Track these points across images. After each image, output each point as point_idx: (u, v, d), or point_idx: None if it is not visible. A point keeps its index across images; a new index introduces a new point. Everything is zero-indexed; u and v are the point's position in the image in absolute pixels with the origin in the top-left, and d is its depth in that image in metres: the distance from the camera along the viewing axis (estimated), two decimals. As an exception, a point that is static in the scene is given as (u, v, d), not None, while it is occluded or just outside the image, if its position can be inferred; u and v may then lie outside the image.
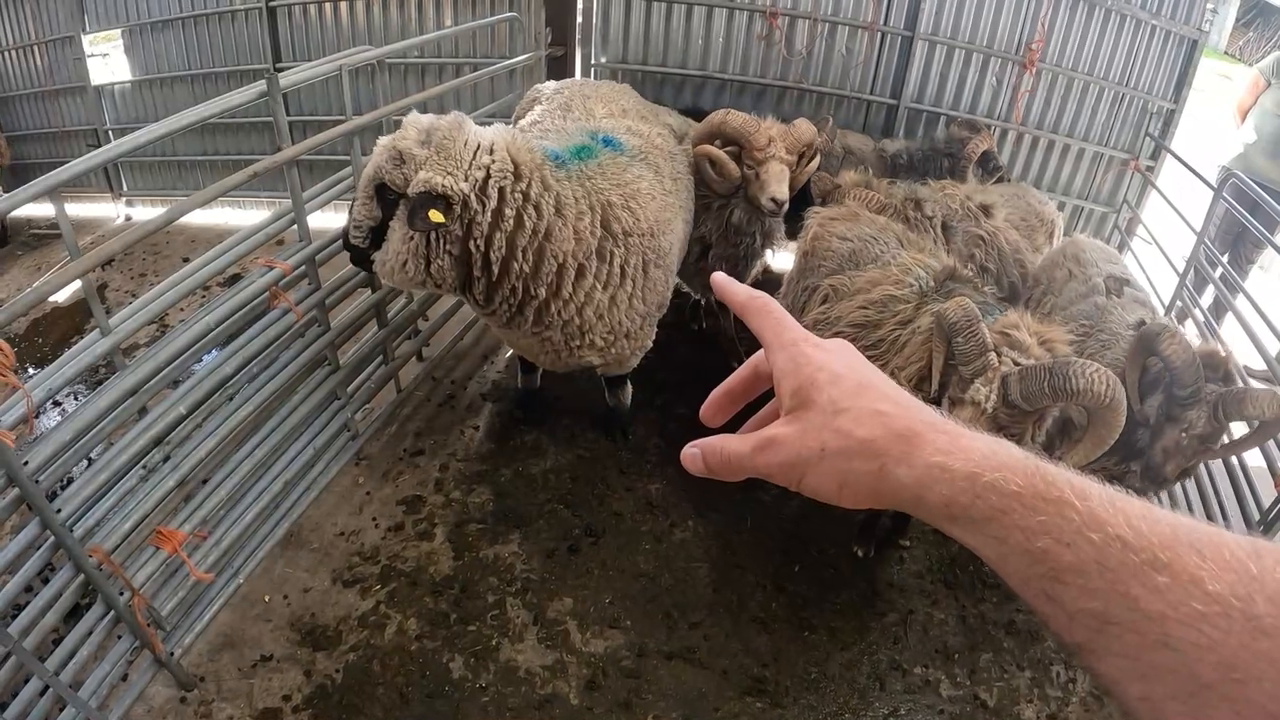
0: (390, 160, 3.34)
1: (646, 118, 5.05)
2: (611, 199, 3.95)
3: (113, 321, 3.31)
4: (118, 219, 9.98)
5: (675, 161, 4.74)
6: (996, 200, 5.27)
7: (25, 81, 10.29)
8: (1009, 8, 7.02)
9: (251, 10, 8.36)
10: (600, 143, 4.22)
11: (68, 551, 3.04)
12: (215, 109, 3.87)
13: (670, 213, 4.36)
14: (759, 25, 7.23)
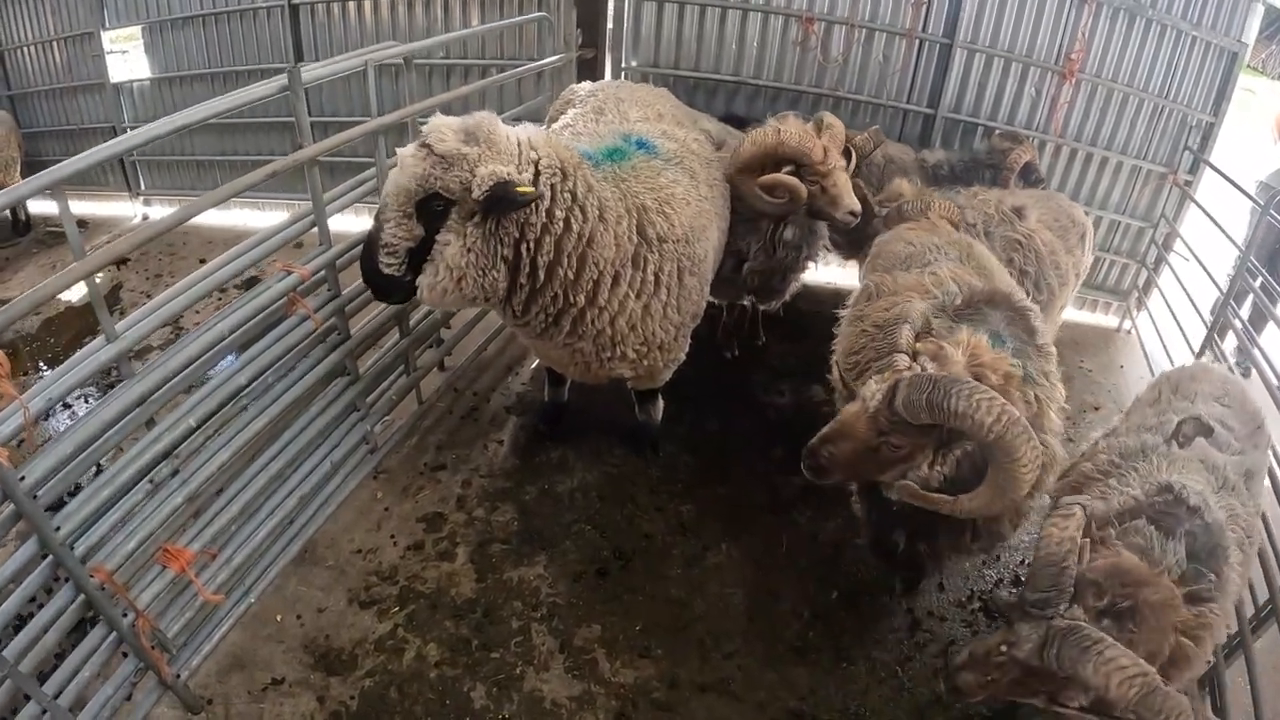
0: (438, 166, 3.14)
1: (683, 123, 4.87)
2: (646, 203, 3.79)
3: (120, 327, 3.15)
4: (135, 218, 9.91)
5: (711, 168, 4.58)
6: (1028, 202, 5.15)
7: (44, 78, 10.24)
8: (1049, 17, 6.85)
9: (274, 8, 8.26)
10: (633, 145, 4.08)
11: (67, 571, 2.90)
12: (234, 102, 3.77)
13: (705, 219, 4.20)
14: (794, 30, 7.10)
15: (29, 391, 2.82)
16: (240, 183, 3.55)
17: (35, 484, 2.74)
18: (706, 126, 5.23)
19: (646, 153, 4.07)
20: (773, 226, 4.99)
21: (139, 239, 3.21)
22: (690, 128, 4.85)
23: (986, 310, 3.42)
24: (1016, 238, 4.88)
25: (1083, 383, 6.69)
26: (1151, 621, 2.37)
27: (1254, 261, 5.59)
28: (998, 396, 2.70)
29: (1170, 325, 6.50)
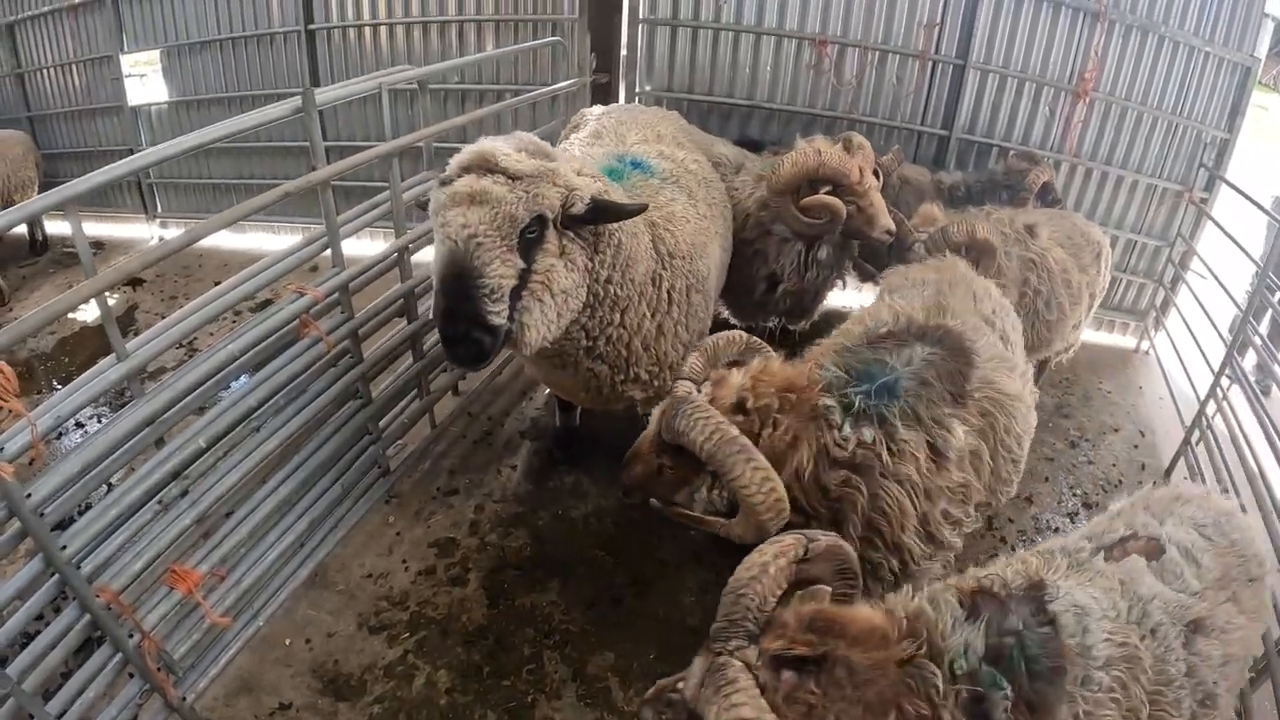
0: (533, 185, 2.95)
1: (683, 144, 4.87)
2: (654, 218, 3.75)
3: (130, 346, 3.16)
4: (151, 240, 9.97)
5: (710, 188, 4.58)
6: (1039, 219, 5.14)
7: (63, 100, 10.35)
8: (1061, 36, 6.83)
9: (290, 33, 8.34)
10: (628, 165, 4.07)
11: (73, 590, 2.87)
12: (249, 123, 3.79)
13: (706, 237, 4.17)
14: (808, 54, 7.10)
15: (38, 409, 2.83)
16: (253, 203, 3.56)
17: (42, 501, 2.72)
18: (723, 150, 5.26)
19: (642, 172, 4.06)
20: (806, 247, 4.99)
21: (150, 258, 3.20)
22: (690, 149, 4.85)
23: (912, 342, 3.13)
24: (1031, 256, 4.87)
25: (1101, 404, 6.63)
26: (848, 688, 1.90)
27: (1273, 277, 5.51)
28: (715, 416, 2.60)
29: (1189, 345, 6.43)
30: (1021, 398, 3.24)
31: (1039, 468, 5.66)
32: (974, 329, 3.32)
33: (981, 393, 3.05)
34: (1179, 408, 6.32)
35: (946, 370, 3.02)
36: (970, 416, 3.01)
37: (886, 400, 2.86)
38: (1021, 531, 5.06)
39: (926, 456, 2.87)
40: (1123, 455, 5.99)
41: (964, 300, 3.59)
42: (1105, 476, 5.69)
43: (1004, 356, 3.35)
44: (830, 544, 2.26)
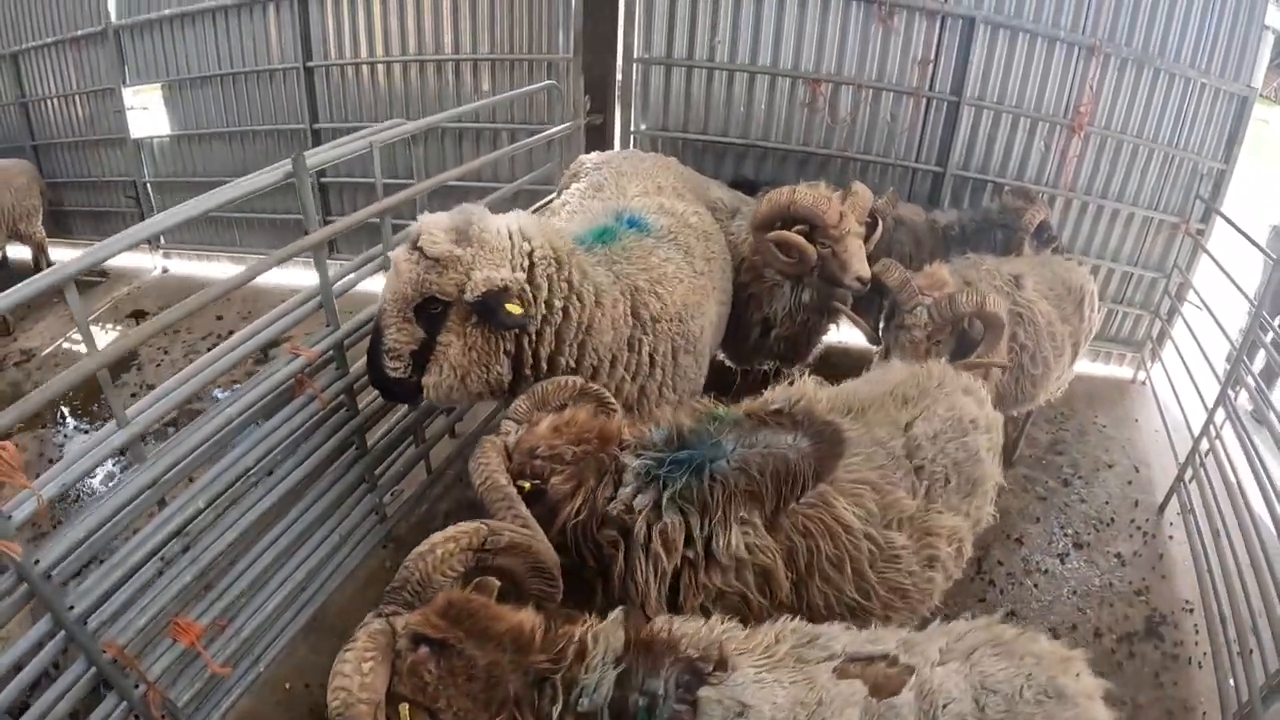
0: (432, 270, 3.18)
1: (684, 195, 4.89)
2: (639, 284, 3.78)
3: (130, 412, 3.21)
4: (155, 270, 10.06)
5: (710, 241, 4.56)
6: (1024, 268, 5.09)
7: (67, 130, 10.45)
8: (1056, 70, 6.87)
9: (290, 70, 8.43)
10: (624, 224, 4.08)
11: (81, 646, 2.96)
12: (240, 192, 3.84)
13: (700, 295, 4.17)
14: (802, 92, 7.14)
15: (41, 478, 2.88)
16: (247, 273, 3.61)
17: (49, 567, 2.80)
18: (718, 195, 5.30)
19: (638, 231, 4.08)
20: (791, 289, 5.03)
21: (146, 333, 3.33)
22: (691, 200, 4.86)
23: (788, 431, 3.02)
24: (1018, 310, 4.81)
25: (1096, 439, 6.65)
26: (460, 678, 2.02)
27: (1265, 317, 5.53)
28: (491, 464, 2.70)
29: (1185, 377, 6.47)
30: (884, 542, 2.93)
31: (1030, 507, 5.70)
32: (875, 451, 3.07)
33: (807, 511, 2.84)
34: (1174, 442, 6.35)
35: (785, 472, 2.84)
36: (779, 534, 2.81)
37: (686, 477, 2.77)
38: (1010, 574, 5.10)
39: (694, 550, 2.76)
40: (1116, 492, 6.01)
41: (877, 402, 3.31)
42: (1098, 515, 5.72)
43: (886, 494, 2.98)
44: (517, 541, 2.38)
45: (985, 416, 3.40)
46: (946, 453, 3.15)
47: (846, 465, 2.94)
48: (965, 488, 3.18)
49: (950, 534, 3.09)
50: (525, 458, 2.82)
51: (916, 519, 3.02)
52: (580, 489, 2.78)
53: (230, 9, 8.49)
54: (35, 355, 8.30)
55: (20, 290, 2.98)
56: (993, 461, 3.36)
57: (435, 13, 7.70)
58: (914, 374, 3.48)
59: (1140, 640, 4.76)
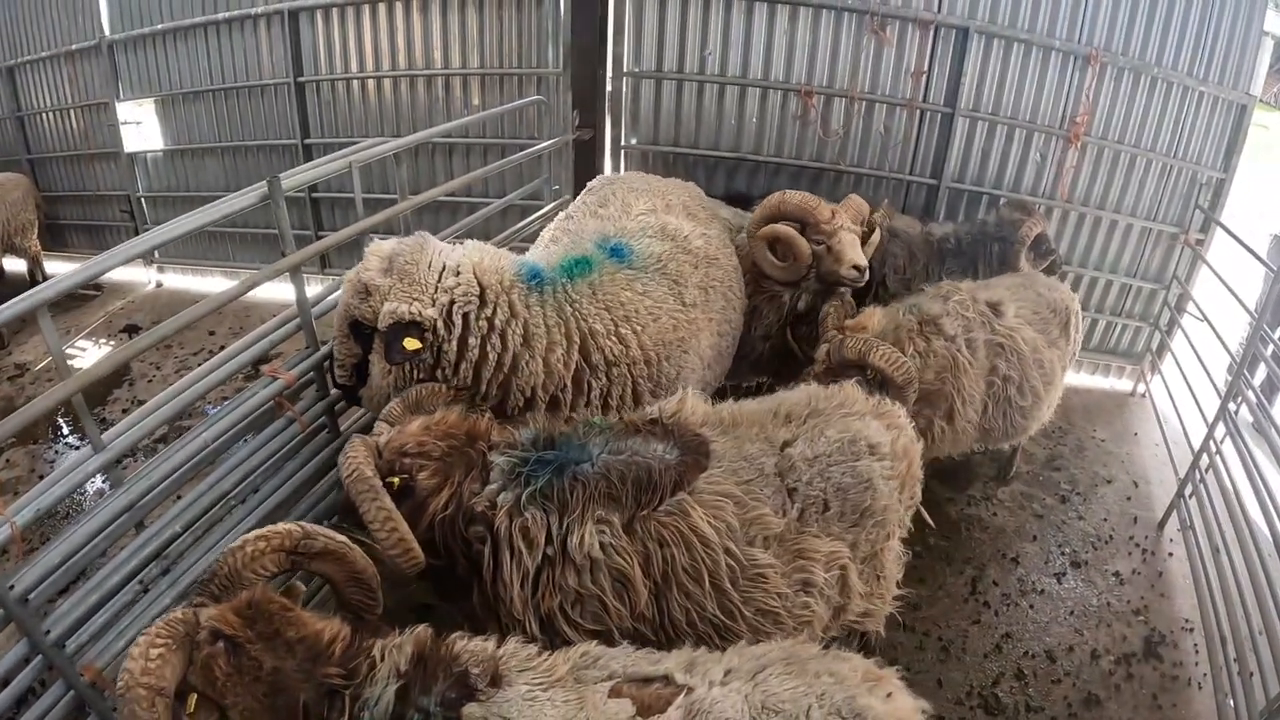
0: (356, 295, 3.29)
1: (696, 214, 4.75)
2: (595, 326, 3.65)
3: (106, 437, 3.19)
4: (149, 284, 10.05)
5: (712, 267, 4.40)
6: (1003, 295, 4.91)
7: (62, 144, 10.47)
8: (1052, 80, 6.79)
9: (281, 85, 8.42)
10: (606, 252, 3.96)
11: (59, 670, 2.91)
12: (217, 214, 3.82)
13: (686, 331, 4.02)
14: (794, 104, 7.08)
15: (15, 505, 2.85)
16: (222, 295, 3.60)
17: (25, 591, 2.78)
18: (725, 214, 5.24)
19: (618, 261, 3.94)
20: (791, 298, 5.04)
21: (120, 357, 3.26)
22: (704, 221, 4.71)
23: (660, 440, 3.06)
24: (999, 341, 4.69)
25: (1095, 454, 6.56)
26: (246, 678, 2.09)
27: (1266, 329, 5.45)
28: (358, 458, 2.75)
29: (1185, 389, 6.39)
30: (745, 559, 2.89)
31: (1026, 525, 5.62)
32: (742, 466, 3.05)
33: (664, 520, 2.83)
34: (1173, 456, 6.27)
35: (645, 480, 2.87)
36: (635, 539, 2.82)
37: (548, 476, 2.84)
38: (1006, 595, 5.01)
39: (553, 547, 2.80)
40: (1115, 508, 5.93)
41: (773, 432, 3.22)
42: (1096, 533, 5.63)
43: (748, 509, 2.94)
44: (331, 548, 2.42)
45: (892, 444, 3.26)
46: (827, 476, 3.07)
47: (708, 477, 2.94)
48: (851, 515, 3.09)
49: (828, 559, 3.01)
50: (394, 455, 2.88)
51: (787, 539, 2.97)
52: (447, 484, 2.86)
53: (221, 24, 8.49)
54: (29, 369, 8.26)
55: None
56: (892, 492, 3.20)
57: (425, 28, 7.67)
58: (812, 394, 3.43)
59: (1139, 661, 4.67)
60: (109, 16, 9.19)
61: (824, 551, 2.99)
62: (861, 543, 3.13)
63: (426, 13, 7.59)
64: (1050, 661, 4.60)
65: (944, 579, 5.10)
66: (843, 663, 2.29)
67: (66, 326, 9.06)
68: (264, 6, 8.14)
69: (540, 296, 3.58)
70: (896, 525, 3.30)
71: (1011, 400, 4.77)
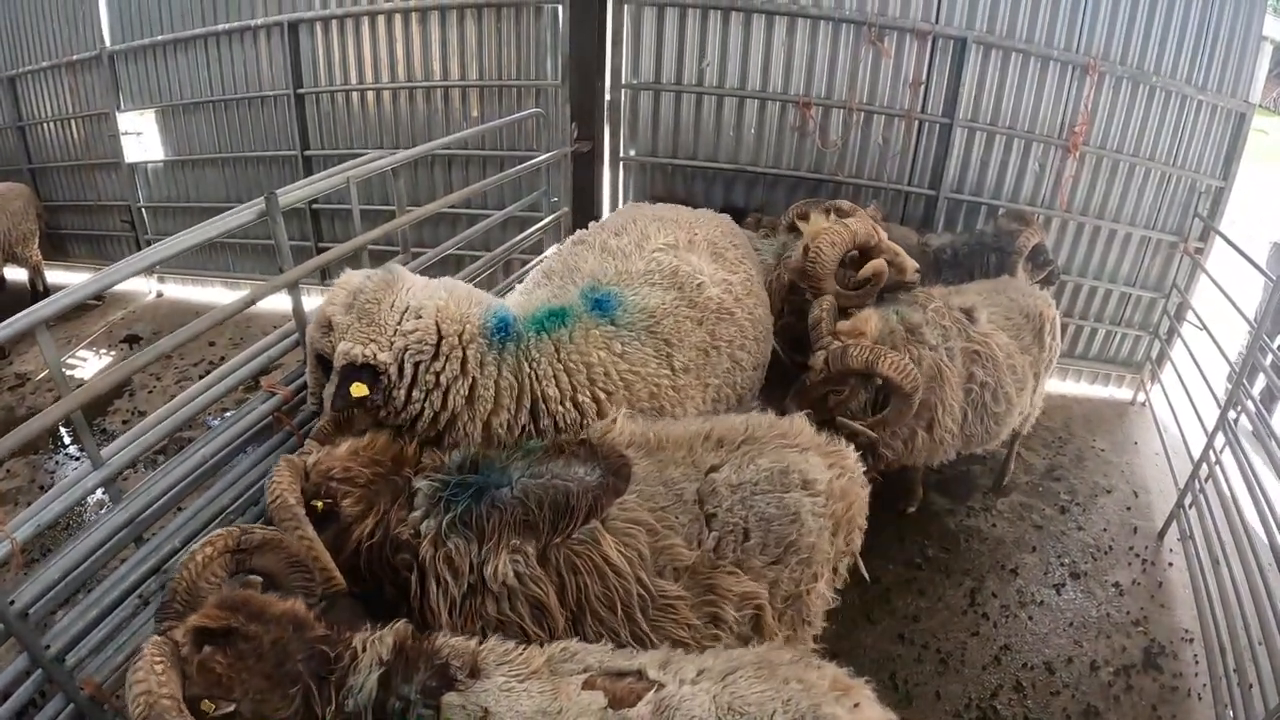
0: (318, 328, 3.22)
1: (724, 255, 4.32)
2: (549, 390, 3.37)
3: (106, 452, 3.19)
4: (150, 295, 10.07)
5: (723, 323, 3.96)
6: (976, 301, 4.93)
7: (63, 153, 10.49)
8: (1050, 90, 6.80)
9: (281, 96, 8.44)
10: (589, 303, 3.65)
11: (58, 684, 2.92)
12: (215, 231, 3.81)
13: (669, 399, 3.66)
14: (792, 116, 7.09)
15: (15, 520, 2.86)
16: (218, 313, 3.58)
17: (25, 606, 2.78)
18: (761, 249, 5.24)
19: (599, 314, 3.60)
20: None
21: (118, 375, 3.23)
22: (731, 263, 4.30)
23: (584, 461, 3.03)
24: (974, 348, 4.71)
25: (1094, 464, 6.56)
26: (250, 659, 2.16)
27: (1265, 339, 5.44)
28: (281, 484, 2.79)
29: (1186, 398, 6.39)
30: (654, 590, 2.83)
31: (1026, 536, 5.61)
32: (659, 491, 2.96)
33: (576, 548, 2.79)
34: (1173, 466, 6.26)
35: (562, 505, 2.83)
36: (549, 569, 2.79)
37: (467, 502, 2.83)
38: (1005, 607, 5.01)
39: (474, 575, 2.78)
40: (1115, 519, 5.92)
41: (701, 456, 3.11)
42: (1095, 543, 5.62)
43: (659, 538, 2.88)
44: (269, 537, 2.52)
45: (830, 483, 3.10)
46: (750, 504, 2.94)
47: (623, 503, 2.88)
48: (774, 549, 2.95)
49: (741, 599, 2.91)
50: (321, 479, 2.89)
51: (699, 572, 2.89)
52: (372, 511, 2.87)
53: (222, 35, 8.51)
54: (30, 379, 8.27)
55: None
56: (822, 530, 3.04)
57: (424, 40, 7.70)
58: (751, 421, 3.27)
59: (1138, 672, 4.66)
60: (110, 27, 9.20)
61: (736, 592, 2.90)
62: (784, 580, 2.99)
63: (426, 25, 7.62)
64: (1049, 673, 4.59)
65: (942, 591, 5.09)
66: (813, 670, 2.32)
67: (68, 336, 9.07)
68: (264, 18, 8.17)
69: (499, 354, 3.34)
70: (825, 568, 3.12)
71: (988, 407, 4.80)
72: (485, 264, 5.55)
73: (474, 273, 5.61)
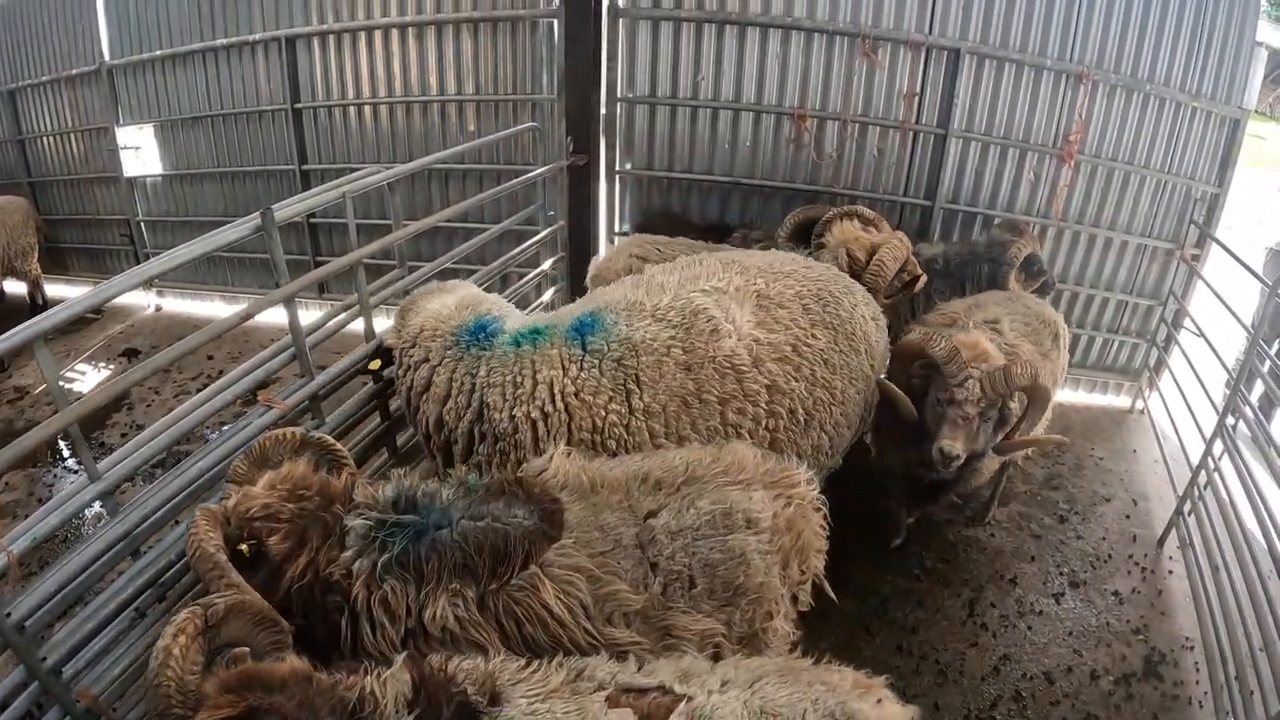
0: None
1: (774, 314, 3.95)
2: (492, 398, 3.61)
3: (103, 466, 3.21)
4: (148, 308, 10.09)
5: (721, 379, 3.70)
6: (997, 311, 4.94)
7: (62, 168, 10.53)
8: (1044, 99, 6.82)
9: (278, 111, 8.47)
10: (573, 326, 3.75)
11: (54, 696, 2.93)
12: (211, 246, 3.81)
13: (615, 437, 3.60)
14: (787, 128, 7.10)
15: (11, 533, 2.89)
16: (214, 327, 3.62)
17: (21, 619, 2.79)
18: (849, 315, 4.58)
19: (574, 337, 3.70)
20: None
21: (115, 389, 3.25)
22: (770, 327, 3.90)
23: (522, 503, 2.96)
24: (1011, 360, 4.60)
25: (1093, 472, 6.55)
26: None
27: (1262, 345, 5.43)
28: (199, 534, 2.68)
29: (1184, 405, 6.39)
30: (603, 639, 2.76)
31: (1024, 546, 5.61)
32: (595, 537, 2.88)
33: (516, 595, 2.73)
34: (1172, 473, 6.26)
35: (502, 549, 2.76)
36: (488, 615, 2.72)
37: (405, 543, 2.74)
38: (1004, 617, 5.00)
39: (413, 619, 2.70)
40: (1114, 527, 5.91)
41: (638, 500, 3.03)
42: (1094, 552, 5.62)
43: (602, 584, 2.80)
44: (231, 604, 2.37)
45: (775, 517, 3.00)
46: (693, 551, 2.85)
47: (560, 549, 2.80)
48: (722, 593, 2.87)
49: (702, 637, 2.83)
50: (241, 522, 2.77)
51: (651, 616, 2.81)
52: (304, 549, 2.74)
53: (220, 50, 8.54)
54: (29, 393, 8.27)
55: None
56: (771, 568, 2.94)
57: (420, 54, 7.73)
58: (691, 459, 3.17)
59: (1139, 681, 4.65)
60: (109, 41, 9.25)
61: (695, 630, 2.82)
62: (737, 622, 2.90)
63: (422, 40, 7.65)
64: (1049, 683, 4.58)
65: (941, 601, 5.08)
66: (834, 673, 2.39)
67: (67, 349, 9.08)
68: (261, 33, 8.20)
69: (461, 354, 3.75)
70: (780, 603, 3.02)
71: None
72: (482, 278, 5.57)
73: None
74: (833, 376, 4.01)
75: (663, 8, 6.89)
